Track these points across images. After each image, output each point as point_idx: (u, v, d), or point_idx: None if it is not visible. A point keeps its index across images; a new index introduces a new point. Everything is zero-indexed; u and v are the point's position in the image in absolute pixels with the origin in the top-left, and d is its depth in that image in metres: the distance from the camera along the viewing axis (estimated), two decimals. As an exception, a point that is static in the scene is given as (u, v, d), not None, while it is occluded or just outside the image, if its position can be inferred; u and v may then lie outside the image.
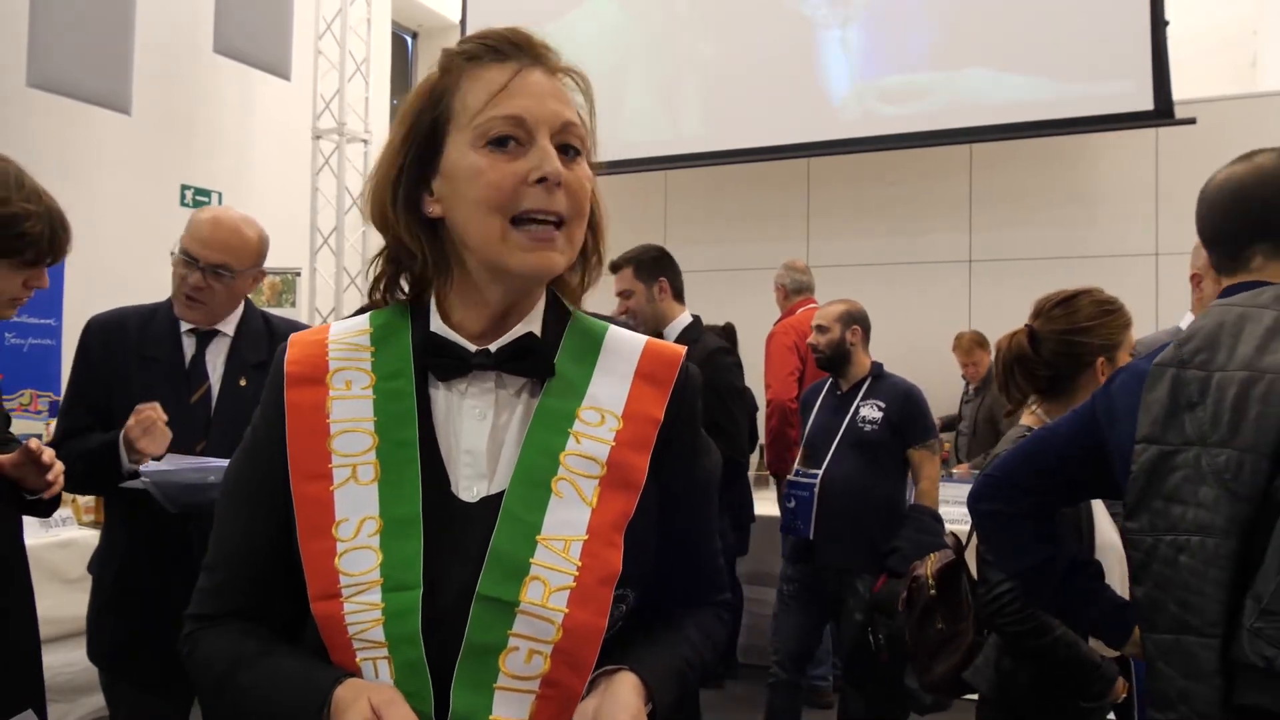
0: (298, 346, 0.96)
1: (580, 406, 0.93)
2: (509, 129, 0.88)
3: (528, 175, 0.88)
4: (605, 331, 0.99)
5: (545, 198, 0.88)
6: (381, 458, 0.89)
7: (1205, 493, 1.23)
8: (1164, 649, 1.26)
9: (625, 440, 0.92)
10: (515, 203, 0.88)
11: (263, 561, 0.92)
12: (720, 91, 6.30)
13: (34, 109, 5.13)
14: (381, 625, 0.83)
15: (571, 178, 0.90)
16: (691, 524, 1.01)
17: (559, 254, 0.90)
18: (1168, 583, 1.26)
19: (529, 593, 0.84)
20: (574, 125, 0.92)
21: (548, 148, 0.89)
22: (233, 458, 0.99)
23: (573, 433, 0.91)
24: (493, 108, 0.89)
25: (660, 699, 0.87)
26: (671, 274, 3.26)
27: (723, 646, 1.06)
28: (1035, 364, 1.95)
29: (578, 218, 0.92)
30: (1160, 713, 1.28)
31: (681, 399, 0.97)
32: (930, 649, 2.02)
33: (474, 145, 0.89)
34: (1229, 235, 1.40)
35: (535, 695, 0.84)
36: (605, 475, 0.90)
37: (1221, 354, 1.26)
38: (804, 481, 3.24)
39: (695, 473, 1.01)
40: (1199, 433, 1.25)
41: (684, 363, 0.99)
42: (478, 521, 0.88)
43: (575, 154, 0.92)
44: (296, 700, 0.84)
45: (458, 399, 0.93)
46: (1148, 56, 5.23)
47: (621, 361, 0.97)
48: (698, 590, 1.04)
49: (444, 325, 0.95)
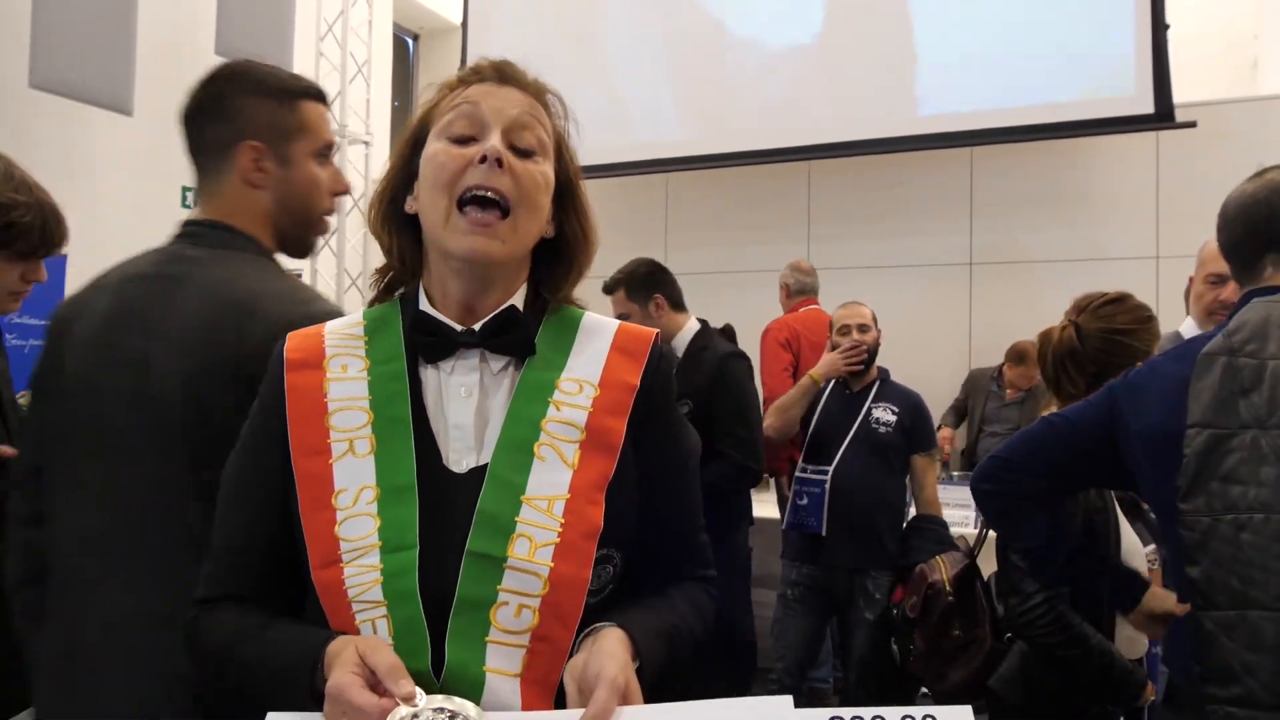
0: (296, 338, 1.03)
1: (560, 378, 0.99)
2: (463, 123, 0.97)
3: (473, 157, 0.95)
4: (582, 316, 1.06)
5: (485, 175, 0.94)
6: (377, 432, 0.95)
7: (1266, 472, 1.30)
8: (1226, 624, 1.31)
9: (602, 406, 0.98)
10: (460, 181, 0.95)
11: (262, 549, 0.98)
12: (721, 93, 6.30)
13: (36, 110, 5.13)
14: (380, 585, 0.88)
15: (521, 167, 0.97)
16: (672, 498, 1.05)
17: (499, 241, 0.95)
18: (1229, 560, 1.32)
19: (516, 549, 0.89)
20: (531, 126, 0.99)
21: (496, 135, 0.96)
22: (232, 452, 1.03)
23: (553, 401, 0.97)
24: (453, 106, 0.99)
25: (648, 655, 0.91)
26: (666, 288, 3.23)
27: (712, 619, 1.09)
28: (1083, 359, 1.94)
29: (525, 207, 0.97)
30: (1222, 688, 1.31)
31: (656, 369, 1.03)
32: (947, 655, 2.01)
33: (436, 139, 0.99)
34: (1243, 247, 1.50)
35: (526, 649, 0.88)
36: (585, 439, 0.95)
37: (1272, 344, 1.35)
38: (814, 478, 3.25)
39: (673, 445, 1.06)
40: (1255, 416, 1.32)
41: (655, 341, 1.05)
42: (468, 490, 0.92)
43: (531, 154, 0.99)
44: (292, 660, 0.87)
45: (445, 378, 0.99)
46: (1149, 59, 5.23)
47: (597, 339, 1.04)
48: (681, 564, 1.08)
49: (431, 307, 1.01)
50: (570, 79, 1.11)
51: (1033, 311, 4.88)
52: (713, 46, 6.36)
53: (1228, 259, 1.56)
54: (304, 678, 0.85)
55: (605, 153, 6.05)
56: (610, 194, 6.20)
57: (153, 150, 6.09)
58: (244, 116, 1.36)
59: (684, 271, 3.38)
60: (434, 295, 1.01)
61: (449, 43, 8.08)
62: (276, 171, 1.37)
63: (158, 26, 5.68)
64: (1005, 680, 1.91)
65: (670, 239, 6.57)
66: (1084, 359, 1.93)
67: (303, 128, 1.39)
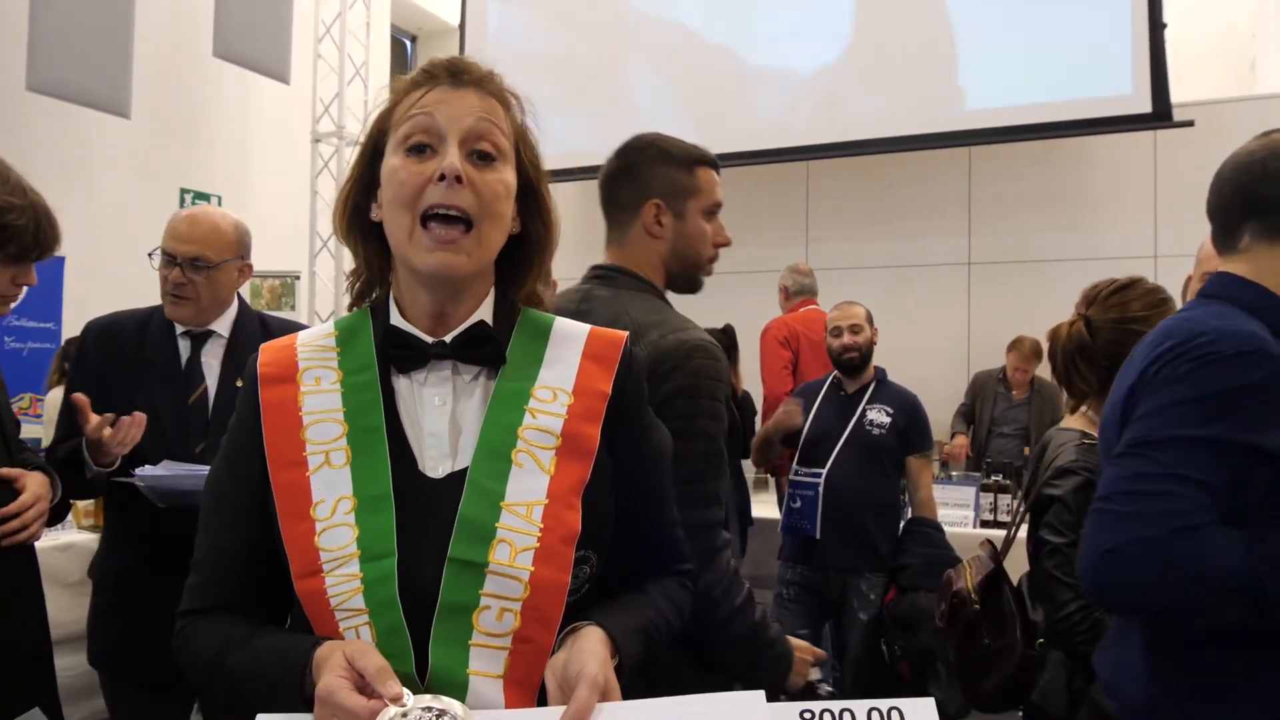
0: (269, 352, 1.05)
1: (534, 386, 1.00)
2: (420, 135, 0.97)
3: (433, 174, 0.95)
4: (553, 322, 1.07)
5: (445, 193, 0.95)
6: (352, 443, 0.96)
7: None
8: None
9: (577, 413, 0.99)
10: (421, 199, 0.95)
11: (245, 558, 0.98)
12: (721, 93, 6.30)
13: (34, 112, 5.13)
14: (361, 594, 0.89)
15: (481, 179, 0.97)
16: (647, 496, 1.07)
17: (463, 255, 0.96)
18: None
19: (497, 554, 0.90)
20: (488, 131, 0.99)
21: (452, 149, 0.96)
22: (213, 464, 1.05)
23: (528, 409, 0.98)
24: (409, 117, 0.98)
25: (626, 652, 0.93)
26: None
27: (689, 613, 1.12)
28: (1095, 354, 1.85)
29: (488, 218, 0.97)
30: None
31: (627, 375, 1.05)
32: (978, 665, 1.92)
33: (394, 151, 0.99)
34: (1228, 208, 1.36)
35: (508, 651, 0.90)
36: (560, 445, 0.97)
37: None
38: (808, 481, 3.26)
39: (646, 447, 1.08)
40: None
41: (626, 344, 1.07)
42: (445, 495, 0.94)
43: (491, 160, 0.99)
44: (281, 668, 0.88)
45: (418, 388, 1.00)
46: (1146, 59, 5.23)
47: (569, 346, 1.05)
48: (659, 560, 1.11)
49: (401, 319, 1.02)
50: (568, 78, 1.10)
51: (1032, 311, 4.89)
52: (711, 47, 6.36)
53: (1211, 220, 1.41)
54: (294, 683, 0.86)
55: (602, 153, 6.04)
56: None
57: (150, 152, 6.09)
58: (650, 179, 1.65)
59: (682, 272, 3.38)
60: (403, 304, 1.02)
61: (447, 44, 8.09)
62: (673, 225, 1.65)
63: (156, 29, 5.68)
64: (1047, 692, 1.82)
65: (669, 240, 6.57)
66: (1095, 353, 1.85)
67: (697, 189, 1.66)
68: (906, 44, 5.85)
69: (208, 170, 6.47)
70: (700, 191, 1.66)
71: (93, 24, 4.84)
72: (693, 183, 1.66)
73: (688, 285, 1.73)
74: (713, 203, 1.68)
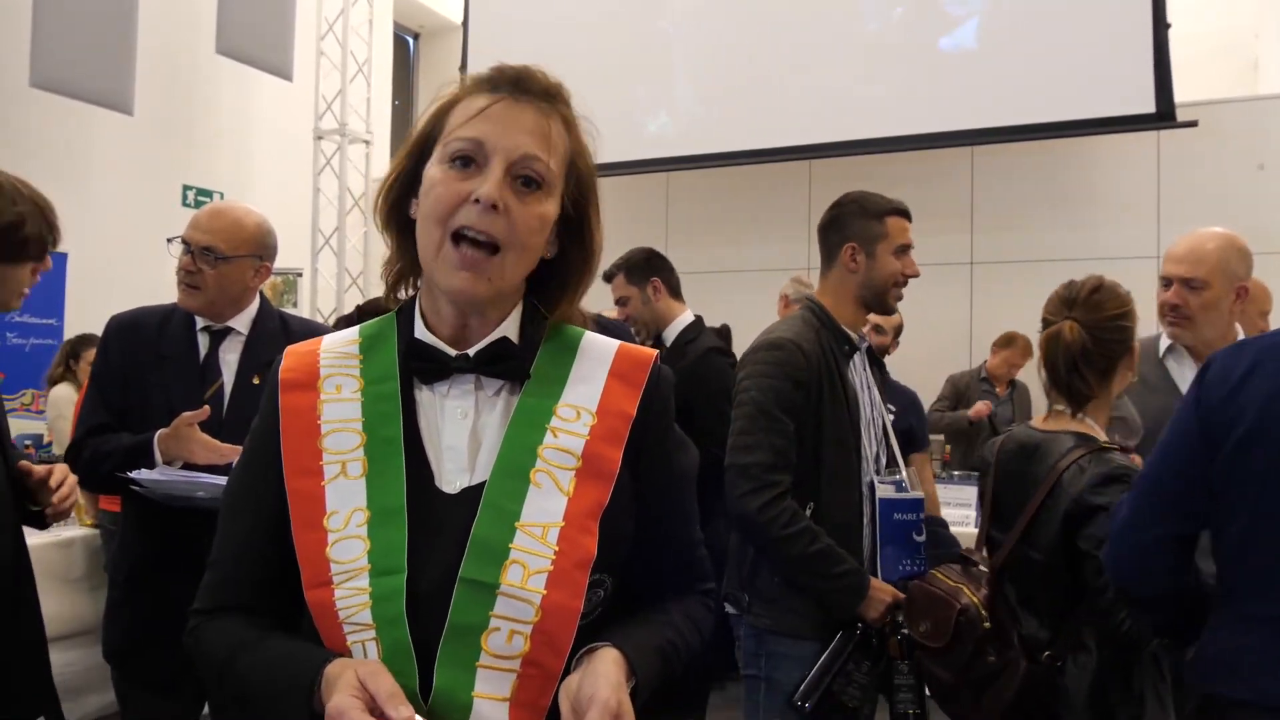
0: (292, 357, 1.04)
1: (557, 404, 0.98)
2: (468, 149, 0.95)
3: (470, 194, 0.93)
4: (581, 337, 1.05)
5: (478, 217, 0.93)
6: (369, 454, 0.95)
7: None
8: None
9: (599, 434, 0.97)
10: (454, 217, 0.94)
11: (260, 561, 0.98)
12: (722, 93, 6.30)
13: (36, 109, 5.14)
14: (369, 609, 0.88)
15: (518, 208, 0.94)
16: (669, 515, 1.06)
17: (486, 280, 0.94)
18: None
19: (509, 575, 0.89)
20: (537, 159, 0.96)
21: (496, 173, 0.94)
22: (234, 468, 1.05)
23: (550, 428, 0.96)
24: (462, 128, 0.96)
25: (642, 674, 0.91)
26: (664, 273, 3.27)
27: (709, 631, 1.09)
28: (1094, 355, 1.85)
29: (516, 248, 0.95)
30: None
31: (654, 396, 1.03)
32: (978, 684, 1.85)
33: (440, 160, 0.97)
34: None
35: (516, 674, 0.88)
36: (581, 467, 0.95)
37: None
38: None
39: (670, 467, 1.06)
40: None
41: (655, 364, 1.05)
42: (460, 511, 0.93)
43: (535, 187, 0.96)
44: (291, 679, 0.88)
45: (440, 400, 0.99)
46: (1149, 59, 5.22)
47: (596, 363, 1.03)
48: (680, 579, 1.09)
49: (426, 331, 1.01)
50: (570, 78, 1.09)
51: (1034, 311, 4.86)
52: (712, 46, 6.36)
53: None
54: (302, 698, 0.86)
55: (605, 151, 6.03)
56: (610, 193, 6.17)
57: (153, 149, 6.09)
58: (846, 227, 2.14)
59: (683, 271, 3.38)
60: (429, 313, 1.01)
61: (449, 41, 8.09)
62: (865, 263, 2.11)
63: (158, 26, 5.68)
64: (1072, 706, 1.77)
65: (670, 238, 6.56)
66: (1094, 355, 1.85)
67: (886, 234, 2.11)
68: (909, 44, 5.85)
69: (210, 167, 6.47)
70: (888, 236, 2.11)
71: (96, 21, 4.84)
72: (882, 229, 2.11)
73: (881, 308, 2.19)
74: (900, 245, 2.11)
